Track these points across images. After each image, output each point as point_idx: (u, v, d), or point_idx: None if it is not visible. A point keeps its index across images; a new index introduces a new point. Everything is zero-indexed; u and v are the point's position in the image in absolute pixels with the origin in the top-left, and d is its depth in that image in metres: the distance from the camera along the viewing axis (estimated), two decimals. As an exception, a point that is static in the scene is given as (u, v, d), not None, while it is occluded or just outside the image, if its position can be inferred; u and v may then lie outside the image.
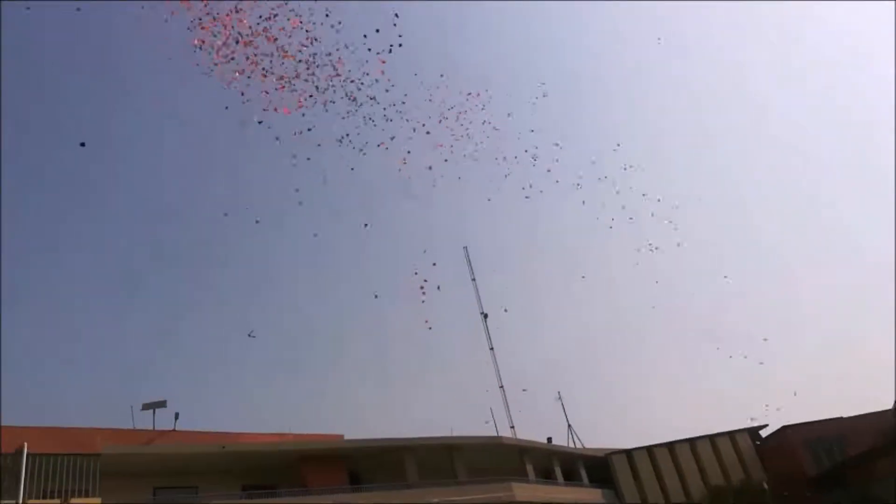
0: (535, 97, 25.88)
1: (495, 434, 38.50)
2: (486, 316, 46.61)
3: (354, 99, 16.21)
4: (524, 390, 51.79)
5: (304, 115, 15.70)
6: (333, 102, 16.01)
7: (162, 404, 32.27)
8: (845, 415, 39.82)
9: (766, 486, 32.90)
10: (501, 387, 44.56)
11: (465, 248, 49.13)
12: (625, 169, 29.50)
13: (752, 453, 40.90)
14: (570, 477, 39.84)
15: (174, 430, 32.12)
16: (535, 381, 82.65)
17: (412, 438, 33.91)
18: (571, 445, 43.13)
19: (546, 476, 38.54)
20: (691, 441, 41.45)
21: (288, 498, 29.84)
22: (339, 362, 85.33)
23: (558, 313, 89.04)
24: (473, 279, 47.70)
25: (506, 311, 48.94)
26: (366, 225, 30.51)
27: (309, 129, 15.87)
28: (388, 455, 33.39)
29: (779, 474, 37.66)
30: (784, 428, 39.93)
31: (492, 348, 45.62)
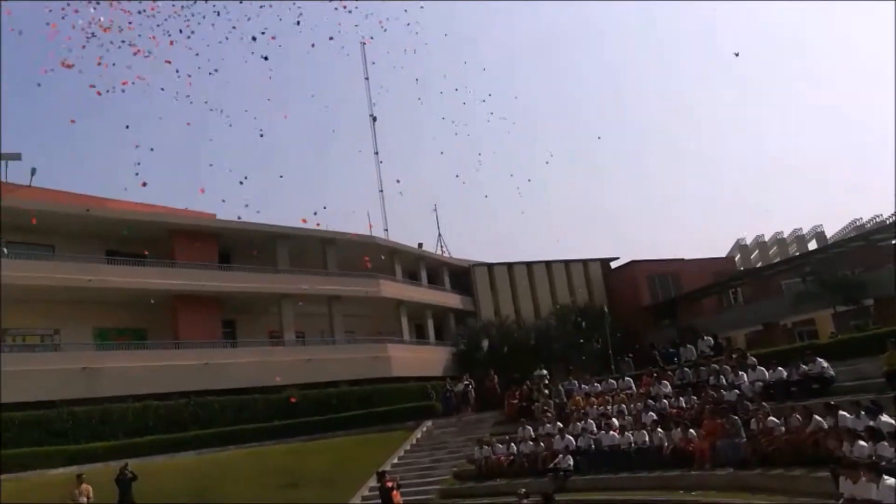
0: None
1: (369, 234, 39.34)
2: (374, 119, 45.73)
3: None
4: (401, 193, 52.87)
5: None
6: None
7: (16, 156, 29.83)
8: (686, 257, 44.11)
9: (606, 309, 36.32)
10: (381, 191, 44.96)
11: (363, 43, 46.82)
12: None
13: (600, 280, 44.82)
14: (434, 282, 42.16)
15: (30, 186, 30.11)
16: (415, 192, 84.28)
17: (287, 227, 34.01)
18: (439, 254, 45.12)
19: (412, 278, 40.53)
20: (548, 263, 44.58)
21: (155, 268, 29.71)
22: (221, 148, 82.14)
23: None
24: (367, 78, 46.08)
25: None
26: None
27: None
28: (262, 240, 33.50)
29: (621, 301, 41.75)
30: (632, 262, 43.71)
31: (377, 152, 45.33)
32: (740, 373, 17.06)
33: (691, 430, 14.90)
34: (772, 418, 13.10)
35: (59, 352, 27.25)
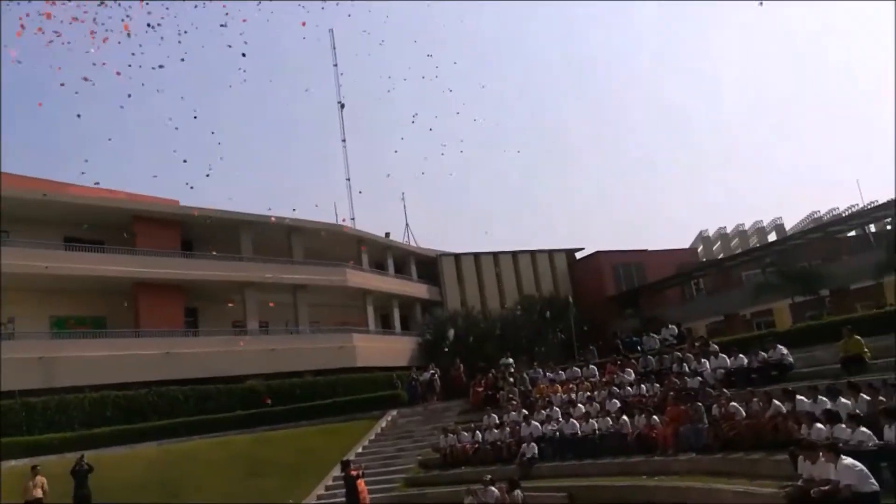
0: None
1: (335, 222, 39.05)
2: (342, 106, 45.27)
3: None
4: (389, 175, 52.46)
5: None
6: None
7: (-29, 140, 28.80)
8: (650, 248, 44.69)
9: (570, 299, 36.60)
10: (348, 179, 44.68)
11: (331, 30, 46.32)
12: None
13: (565, 271, 45.12)
14: (402, 271, 42.04)
15: (-15, 170, 29.09)
16: (384, 179, 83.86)
17: (251, 214, 33.53)
18: (406, 243, 44.99)
19: (379, 267, 40.35)
20: (514, 254, 44.75)
21: (115, 255, 29.06)
22: (193, 128, 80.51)
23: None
24: (335, 65, 45.60)
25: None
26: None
27: None
28: (225, 227, 32.96)
29: (586, 291, 42.08)
30: (597, 252, 44.10)
31: (344, 140, 44.92)
32: (702, 360, 17.32)
33: (655, 417, 15.09)
34: (733, 404, 13.33)
35: (14, 340, 26.49)
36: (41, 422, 22.70)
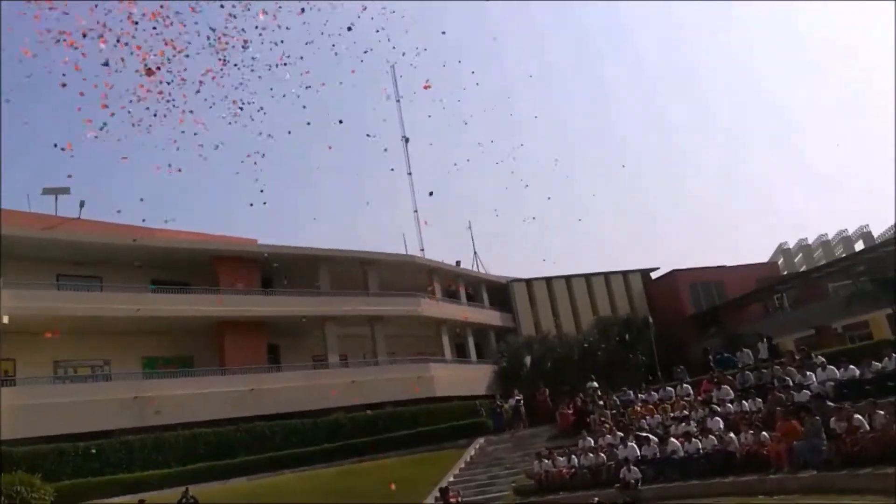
0: None
1: (406, 253, 39.33)
2: (407, 140, 45.78)
3: None
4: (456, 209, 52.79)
5: None
6: None
7: (65, 190, 30.36)
8: (728, 264, 43.36)
9: (650, 319, 35.70)
10: (416, 212, 44.93)
11: (393, 66, 47.06)
12: None
13: (640, 291, 44.12)
14: (473, 299, 41.89)
15: (79, 219, 30.58)
16: (449, 210, 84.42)
17: (327, 249, 34.10)
18: (476, 271, 44.88)
19: (451, 296, 40.34)
20: (587, 276, 44.07)
21: (200, 295, 29.90)
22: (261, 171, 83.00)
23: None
24: (398, 100, 46.26)
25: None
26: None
27: None
28: (303, 263, 33.61)
29: (664, 311, 40.99)
30: (673, 271, 43.02)
31: (410, 173, 45.34)
32: (808, 373, 16.55)
33: (764, 433, 14.43)
34: (857, 416, 12.60)
35: (111, 382, 27.46)
36: (139, 459, 23.32)
